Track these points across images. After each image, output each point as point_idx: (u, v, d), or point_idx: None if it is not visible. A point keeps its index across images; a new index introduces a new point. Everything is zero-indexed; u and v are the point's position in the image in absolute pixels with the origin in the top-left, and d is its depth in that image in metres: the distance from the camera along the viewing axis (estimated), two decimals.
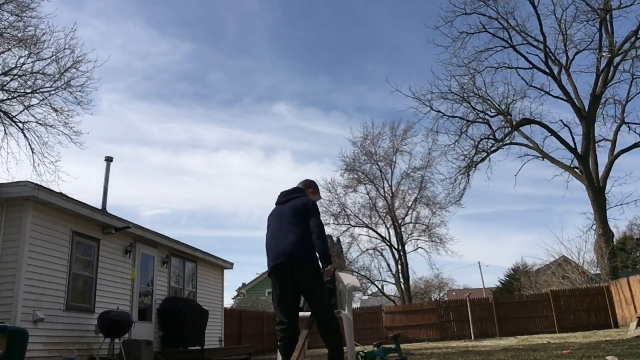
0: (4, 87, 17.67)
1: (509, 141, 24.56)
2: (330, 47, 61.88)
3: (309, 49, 64.68)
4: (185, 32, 57.63)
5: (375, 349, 7.45)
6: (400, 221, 29.02)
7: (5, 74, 17.63)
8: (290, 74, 64.68)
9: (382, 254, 29.80)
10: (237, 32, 60.91)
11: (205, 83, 64.49)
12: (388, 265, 29.74)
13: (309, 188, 4.84)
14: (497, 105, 24.18)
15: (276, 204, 4.61)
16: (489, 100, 24.34)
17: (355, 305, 29.85)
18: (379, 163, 29.67)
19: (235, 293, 41.19)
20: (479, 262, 51.54)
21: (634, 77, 21.89)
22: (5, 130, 18.02)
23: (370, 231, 29.44)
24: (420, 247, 28.83)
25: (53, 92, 18.08)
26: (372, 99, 60.16)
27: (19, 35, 17.60)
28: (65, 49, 17.97)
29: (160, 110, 58.36)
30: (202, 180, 63.88)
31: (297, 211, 4.31)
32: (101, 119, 48.45)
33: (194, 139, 59.27)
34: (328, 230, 30.26)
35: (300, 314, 5.31)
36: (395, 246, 28.99)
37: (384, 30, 53.96)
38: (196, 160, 59.56)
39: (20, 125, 18.04)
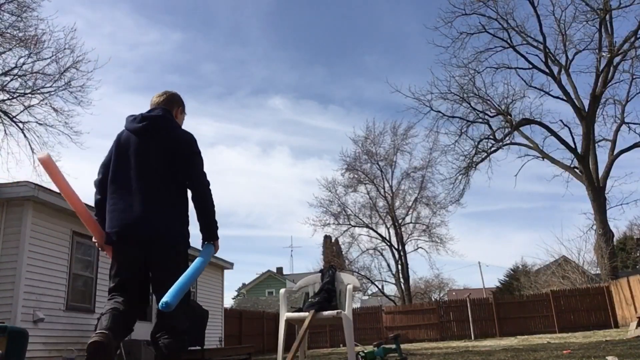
0: (4, 87, 17.70)
1: (509, 141, 24.58)
2: (326, 37, 60.50)
3: (304, 38, 63.12)
4: (174, 19, 53.94)
5: (376, 349, 7.45)
6: (400, 221, 29.03)
7: (5, 74, 17.66)
8: (285, 64, 62.94)
9: (382, 254, 29.84)
10: (228, 20, 58.57)
11: (197, 75, 62.39)
12: (388, 265, 29.77)
13: (177, 106, 3.11)
14: (497, 106, 24.20)
15: (132, 131, 2.87)
16: (488, 100, 24.38)
17: (356, 305, 29.87)
18: (380, 163, 29.73)
19: (235, 293, 41.24)
20: (479, 262, 51.61)
21: (634, 77, 21.88)
22: (5, 130, 18.09)
23: (371, 231, 29.50)
24: (420, 247, 28.88)
25: (53, 92, 18.14)
26: (370, 92, 59.36)
27: (20, 35, 17.65)
28: (65, 49, 18.05)
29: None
30: None
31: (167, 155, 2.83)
32: (93, 114, 47.47)
33: None
34: (329, 230, 30.32)
35: (299, 314, 5.30)
36: (396, 246, 29.01)
37: (382, 19, 53.08)
38: None
39: (21, 125, 18.10)
